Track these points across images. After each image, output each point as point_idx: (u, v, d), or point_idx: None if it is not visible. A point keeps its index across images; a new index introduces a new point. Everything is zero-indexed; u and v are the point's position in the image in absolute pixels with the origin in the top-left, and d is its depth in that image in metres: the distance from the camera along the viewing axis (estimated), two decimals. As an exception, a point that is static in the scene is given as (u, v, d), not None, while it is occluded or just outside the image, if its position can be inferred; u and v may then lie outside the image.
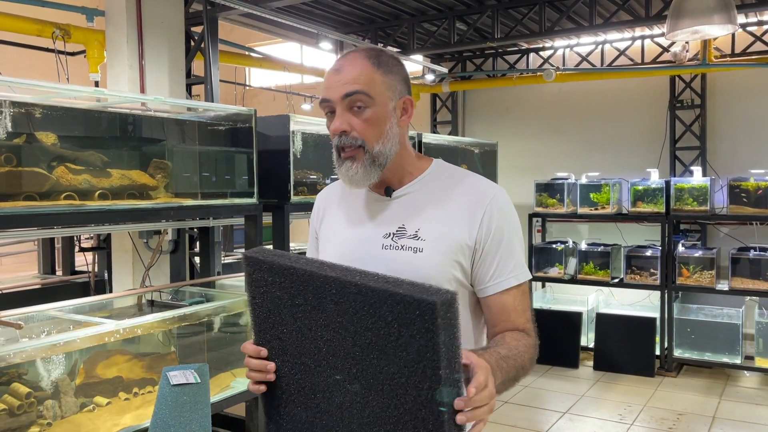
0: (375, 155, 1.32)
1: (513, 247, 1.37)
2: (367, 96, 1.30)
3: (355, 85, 1.30)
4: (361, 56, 1.34)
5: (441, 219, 1.35)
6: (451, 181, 1.40)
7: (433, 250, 1.32)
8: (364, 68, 1.31)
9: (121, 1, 4.16)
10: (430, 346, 0.95)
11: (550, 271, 6.58)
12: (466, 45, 6.34)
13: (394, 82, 1.34)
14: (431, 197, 1.38)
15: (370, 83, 1.31)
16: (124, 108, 3.47)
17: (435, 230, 1.34)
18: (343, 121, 1.32)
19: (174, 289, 3.95)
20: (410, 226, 1.36)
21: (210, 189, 3.67)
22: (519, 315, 1.36)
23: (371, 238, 1.38)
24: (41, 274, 4.76)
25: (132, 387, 3.26)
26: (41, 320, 3.20)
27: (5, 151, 2.69)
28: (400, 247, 1.34)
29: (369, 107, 1.31)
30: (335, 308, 1.04)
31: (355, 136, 1.32)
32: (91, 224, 3.24)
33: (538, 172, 7.03)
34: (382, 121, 1.32)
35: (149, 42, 4.32)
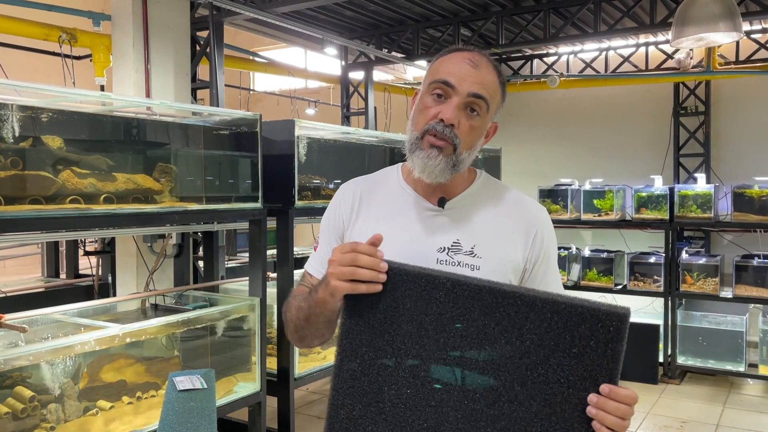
0: (459, 160, 1.30)
1: (555, 267, 1.39)
2: (487, 107, 1.30)
3: (486, 90, 1.29)
4: (493, 66, 1.33)
5: (495, 236, 1.34)
6: (499, 196, 1.40)
7: (489, 269, 1.29)
8: (495, 80, 1.32)
9: (128, 6, 4.18)
10: (611, 356, 0.97)
11: (553, 278, 6.56)
12: (471, 51, 6.34)
13: (499, 105, 1.36)
14: (482, 212, 1.37)
15: (493, 96, 1.32)
16: (129, 112, 3.48)
17: (491, 248, 1.33)
18: (456, 115, 1.28)
19: (178, 293, 3.96)
20: (465, 242, 1.32)
21: (214, 193, 3.68)
22: None
23: (425, 251, 1.32)
24: (45, 278, 4.76)
25: (135, 391, 3.26)
26: (45, 323, 3.21)
27: (11, 154, 2.70)
28: (457, 263, 1.30)
29: (480, 116, 1.30)
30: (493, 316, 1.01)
31: (456, 134, 1.28)
32: (96, 228, 3.24)
33: (542, 178, 7.02)
34: (480, 134, 1.33)
35: (155, 46, 4.33)
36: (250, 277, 3.80)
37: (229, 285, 4.28)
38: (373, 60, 6.73)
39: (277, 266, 3.98)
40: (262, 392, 3.66)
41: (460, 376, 0.97)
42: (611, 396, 1.04)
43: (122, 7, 4.22)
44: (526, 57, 7.39)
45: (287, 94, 7.56)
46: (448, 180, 1.31)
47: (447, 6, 5.75)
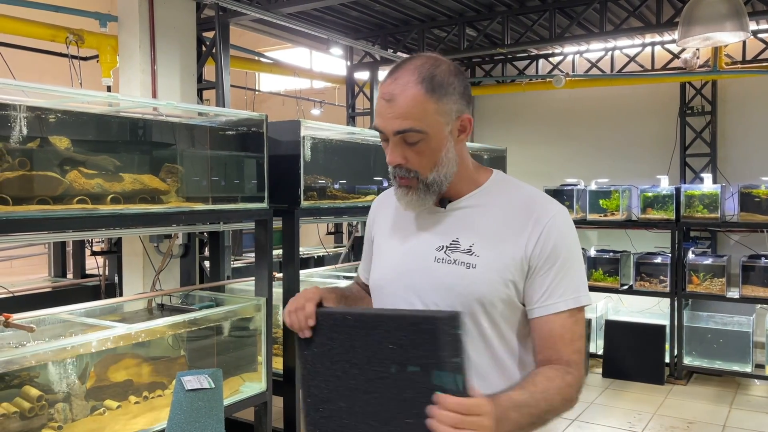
0: (429, 183, 1.30)
1: (569, 270, 1.30)
2: (419, 132, 1.26)
3: (406, 122, 1.25)
4: (414, 80, 1.25)
5: (497, 235, 1.31)
6: (510, 196, 1.36)
7: (486, 267, 1.29)
8: (416, 98, 1.25)
9: (134, 7, 4.20)
10: (450, 355, 1.03)
11: (559, 278, 6.55)
12: (476, 51, 6.35)
13: (450, 103, 1.27)
14: (488, 211, 1.35)
15: (422, 116, 1.25)
16: (136, 113, 3.49)
17: (490, 246, 1.30)
18: (397, 155, 1.29)
19: (184, 293, 3.97)
20: (464, 241, 1.32)
21: (221, 193, 3.68)
22: (566, 344, 1.27)
23: (424, 250, 1.35)
24: (52, 278, 4.78)
25: (142, 390, 3.27)
26: (52, 323, 3.22)
27: (19, 155, 2.71)
28: (453, 261, 1.31)
29: (422, 140, 1.27)
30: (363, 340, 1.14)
31: (409, 168, 1.29)
32: (102, 228, 3.25)
33: (547, 179, 7.01)
34: (437, 150, 1.29)
35: (161, 47, 4.35)
36: (256, 277, 3.81)
37: (235, 285, 4.29)
38: (379, 60, 6.73)
39: (282, 266, 3.98)
40: (268, 392, 3.67)
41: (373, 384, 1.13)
42: (443, 405, 1.03)
43: (128, 8, 4.24)
44: (531, 57, 7.38)
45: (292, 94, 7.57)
46: (433, 202, 1.33)
47: (452, 6, 5.75)
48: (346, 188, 4.40)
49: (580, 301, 1.29)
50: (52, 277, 4.78)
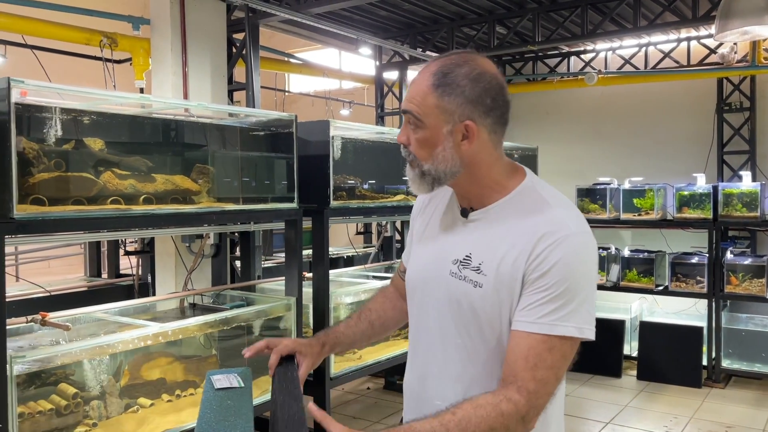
0: (424, 171, 1.32)
1: (564, 296, 1.22)
2: (417, 119, 1.29)
3: (410, 104, 1.30)
4: (429, 72, 1.29)
5: (506, 253, 1.27)
6: (527, 210, 1.30)
7: (491, 288, 1.28)
8: (423, 87, 1.28)
9: (166, 10, 4.25)
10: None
11: (591, 278, 6.45)
12: (506, 49, 6.28)
13: (453, 105, 1.26)
14: (503, 226, 1.31)
15: (422, 105, 1.28)
16: (168, 114, 3.53)
17: (497, 265, 1.28)
18: (403, 134, 1.34)
19: (215, 293, 4.00)
20: (476, 257, 1.31)
21: (251, 194, 3.70)
22: (527, 368, 1.20)
23: (443, 261, 1.36)
24: (87, 277, 4.87)
25: (174, 389, 3.31)
26: (87, 322, 3.27)
27: (55, 156, 2.76)
28: (463, 277, 1.32)
29: (420, 128, 1.30)
30: None
31: (409, 151, 1.33)
32: (136, 228, 3.29)
33: (580, 177, 6.90)
34: (432, 144, 1.29)
35: (192, 49, 4.39)
36: (286, 277, 3.82)
37: (265, 285, 4.31)
38: (408, 59, 6.71)
39: (312, 266, 3.99)
40: (298, 392, 3.67)
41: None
42: None
43: (161, 11, 4.29)
44: (562, 54, 7.28)
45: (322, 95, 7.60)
46: (430, 191, 1.35)
47: (482, 4, 5.70)
48: (375, 188, 4.39)
49: (558, 330, 1.21)
50: (88, 277, 4.87)
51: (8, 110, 2.41)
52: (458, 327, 1.33)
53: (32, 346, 2.93)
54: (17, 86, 2.44)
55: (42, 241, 3.77)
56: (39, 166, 2.73)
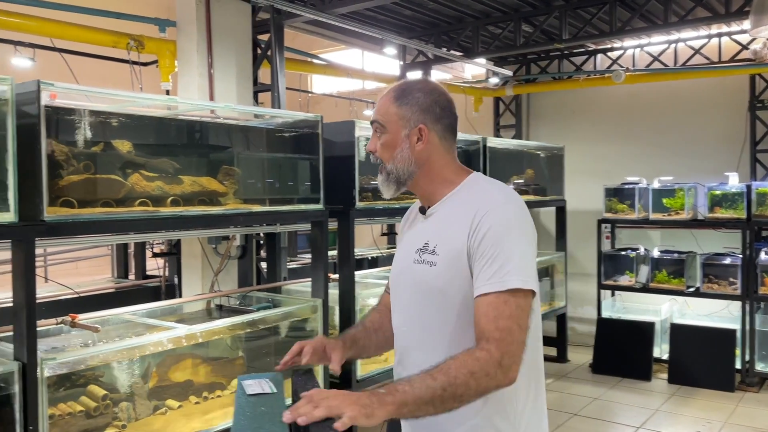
0: (388, 172, 1.58)
1: (498, 256, 1.41)
2: (381, 125, 1.58)
3: (376, 115, 1.60)
4: (392, 90, 1.60)
5: (451, 234, 1.50)
6: (469, 196, 1.54)
7: (443, 265, 1.50)
8: (386, 101, 1.59)
9: (192, 11, 4.26)
10: None
11: (620, 279, 6.35)
12: (532, 47, 6.20)
13: (410, 113, 1.55)
14: (451, 213, 1.55)
15: (385, 114, 1.58)
16: (194, 116, 3.53)
17: (446, 245, 1.50)
18: (371, 143, 1.62)
19: (242, 294, 3.99)
20: (431, 242, 1.54)
21: (277, 195, 3.69)
22: (489, 321, 1.37)
23: (409, 253, 1.60)
24: (115, 278, 4.91)
25: (202, 391, 3.30)
26: (116, 324, 3.28)
27: (84, 158, 2.77)
28: (423, 261, 1.54)
29: (384, 134, 1.58)
30: None
31: (377, 156, 1.61)
32: (163, 230, 3.29)
33: (607, 177, 6.79)
34: (392, 145, 1.57)
35: (218, 51, 4.40)
36: (312, 279, 3.80)
37: (291, 286, 4.30)
38: (432, 59, 6.66)
39: (338, 267, 3.97)
40: (324, 394, 3.65)
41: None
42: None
43: (186, 13, 4.30)
44: (589, 52, 7.17)
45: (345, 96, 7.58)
46: (395, 192, 1.60)
47: (508, 2, 5.63)
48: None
49: (506, 284, 1.38)
50: (115, 278, 4.90)
51: (38, 113, 2.42)
52: (423, 306, 1.54)
53: (62, 347, 2.94)
54: (47, 89, 2.45)
55: (71, 243, 3.80)
56: (68, 168, 2.74)
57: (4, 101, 2.34)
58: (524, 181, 6.03)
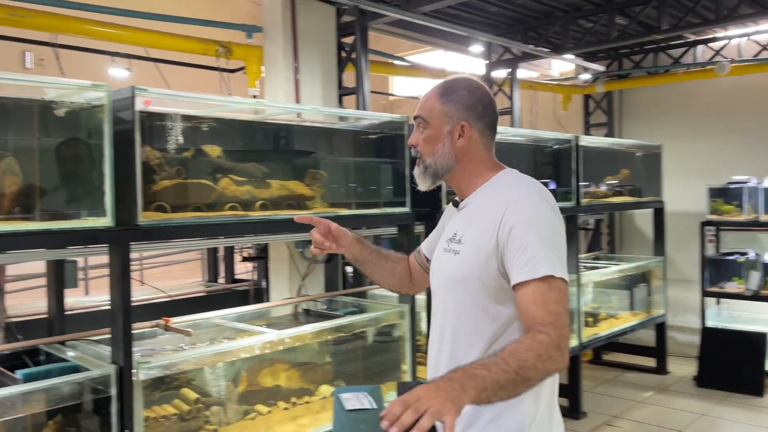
0: (426, 166, 1.64)
1: (528, 244, 1.46)
2: (424, 120, 1.64)
3: (420, 111, 1.66)
4: (437, 87, 1.66)
5: (477, 226, 1.58)
6: (498, 191, 1.60)
7: (466, 254, 1.58)
8: (430, 97, 1.66)
9: (278, 16, 4.28)
10: None
11: (726, 286, 5.89)
12: (626, 40, 5.86)
13: (453, 110, 1.61)
14: (481, 206, 1.61)
15: (429, 110, 1.64)
16: (281, 120, 3.53)
17: (471, 236, 1.58)
18: (413, 137, 1.68)
19: (328, 299, 3.95)
20: (459, 233, 1.63)
21: (363, 199, 3.63)
22: (538, 307, 1.42)
23: (443, 242, 1.69)
24: (206, 282, 5.00)
25: (290, 396, 3.27)
26: (207, 327, 3.31)
27: (176, 163, 2.79)
28: (450, 250, 1.64)
29: (426, 129, 1.64)
30: None
31: (417, 150, 1.67)
32: (252, 234, 3.29)
33: (710, 176, 6.34)
34: (434, 140, 1.62)
35: (303, 55, 4.40)
36: (399, 284, 3.71)
37: (377, 291, 4.22)
38: (519, 56, 6.44)
39: (426, 272, 3.85)
40: (413, 403, 3.54)
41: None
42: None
43: (273, 18, 4.32)
44: (688, 43, 6.73)
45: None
46: (431, 185, 1.67)
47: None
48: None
49: (538, 272, 1.43)
50: (206, 282, 4.99)
51: (133, 119, 2.44)
52: (446, 292, 1.65)
53: (157, 350, 2.98)
54: (141, 95, 2.48)
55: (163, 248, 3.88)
56: (161, 173, 2.77)
57: (101, 108, 2.38)
58: (619, 182, 5.72)
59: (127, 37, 3.91)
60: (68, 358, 2.64)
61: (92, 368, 2.46)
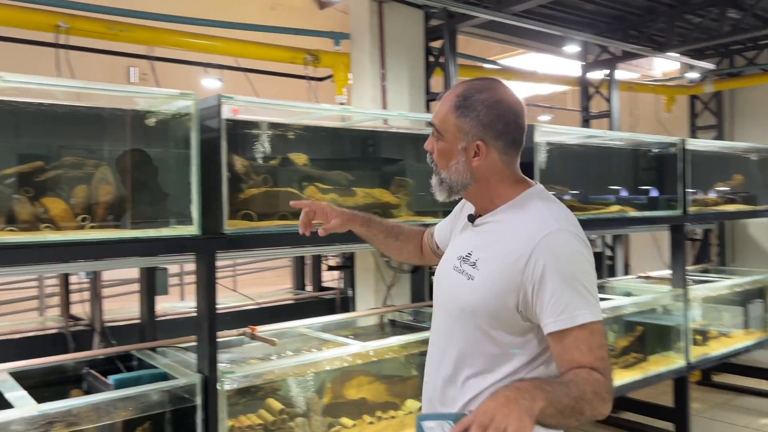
0: (442, 179, 1.53)
1: (563, 290, 1.35)
2: (438, 132, 1.51)
3: (435, 119, 1.53)
4: (454, 94, 1.49)
5: (498, 253, 1.44)
6: (522, 215, 1.47)
7: (482, 282, 1.45)
8: (446, 107, 1.49)
9: (365, 22, 4.23)
10: None
11: None
12: (740, 34, 5.39)
13: (468, 126, 1.45)
14: (501, 229, 1.48)
15: (444, 122, 1.49)
16: (368, 127, 3.47)
17: (490, 263, 1.45)
18: (429, 142, 1.56)
19: (414, 310, 3.84)
20: (475, 254, 1.49)
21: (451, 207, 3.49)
22: (583, 354, 1.34)
23: (452, 258, 1.57)
24: (294, 290, 5.02)
25: (375, 410, 3.18)
26: (292, 336, 3.28)
27: (262, 172, 2.78)
28: (461, 271, 1.50)
29: (441, 140, 1.51)
30: None
31: (432, 158, 1.55)
32: (338, 243, 3.24)
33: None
34: (448, 155, 1.50)
35: (390, 60, 4.33)
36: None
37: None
38: (618, 56, 6.10)
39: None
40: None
41: None
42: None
43: (360, 24, 4.29)
44: (810, 36, 6.13)
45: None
46: (447, 197, 1.55)
47: (710, -15, 4.96)
48: (579, 198, 3.96)
49: (576, 321, 1.34)
50: (294, 290, 5.02)
51: (219, 127, 2.44)
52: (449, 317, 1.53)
53: (243, 360, 2.98)
54: (227, 103, 2.47)
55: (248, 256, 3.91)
56: (247, 181, 2.77)
57: (188, 116, 2.39)
58: (731, 189, 5.26)
59: (219, 48, 3.99)
60: (158, 365, 2.66)
61: (179, 376, 2.46)
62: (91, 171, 2.38)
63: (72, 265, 2.50)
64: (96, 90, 2.23)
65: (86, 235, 2.22)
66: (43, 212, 2.32)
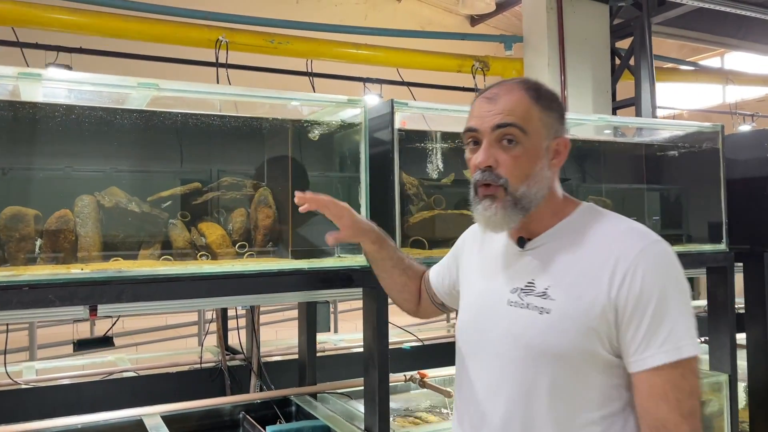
0: (518, 197, 1.20)
1: (665, 314, 1.10)
2: (522, 131, 1.19)
3: (510, 117, 1.19)
4: (520, 87, 1.23)
5: (576, 276, 1.17)
6: (595, 230, 1.21)
7: (562, 313, 1.16)
8: (522, 99, 1.21)
9: (542, 21, 3.74)
10: None
11: None
12: None
13: (552, 120, 1.22)
14: (567, 250, 1.21)
15: (527, 117, 1.20)
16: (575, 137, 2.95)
17: (567, 289, 1.17)
18: (489, 155, 1.20)
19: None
20: (540, 283, 1.21)
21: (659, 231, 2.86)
22: (671, 408, 1.08)
23: (499, 292, 1.28)
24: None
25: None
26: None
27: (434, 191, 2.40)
28: (526, 305, 1.22)
29: (521, 143, 1.19)
30: None
31: (499, 174, 1.20)
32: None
33: None
34: (533, 160, 1.20)
35: (571, 63, 3.79)
36: (710, 345, 2.86)
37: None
38: None
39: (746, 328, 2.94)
40: None
41: None
42: None
43: (535, 25, 3.80)
44: None
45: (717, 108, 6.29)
46: (518, 223, 1.23)
47: None
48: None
49: (682, 353, 1.09)
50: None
51: (391, 138, 2.06)
52: (526, 365, 1.19)
53: (411, 412, 2.56)
54: (401, 109, 2.09)
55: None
56: (418, 203, 2.41)
57: (357, 126, 2.04)
58: None
59: (380, 58, 3.69)
60: (318, 415, 2.33)
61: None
62: (250, 192, 2.13)
63: (229, 299, 2.24)
64: (255, 98, 1.97)
65: (244, 266, 1.93)
66: (200, 238, 2.09)
